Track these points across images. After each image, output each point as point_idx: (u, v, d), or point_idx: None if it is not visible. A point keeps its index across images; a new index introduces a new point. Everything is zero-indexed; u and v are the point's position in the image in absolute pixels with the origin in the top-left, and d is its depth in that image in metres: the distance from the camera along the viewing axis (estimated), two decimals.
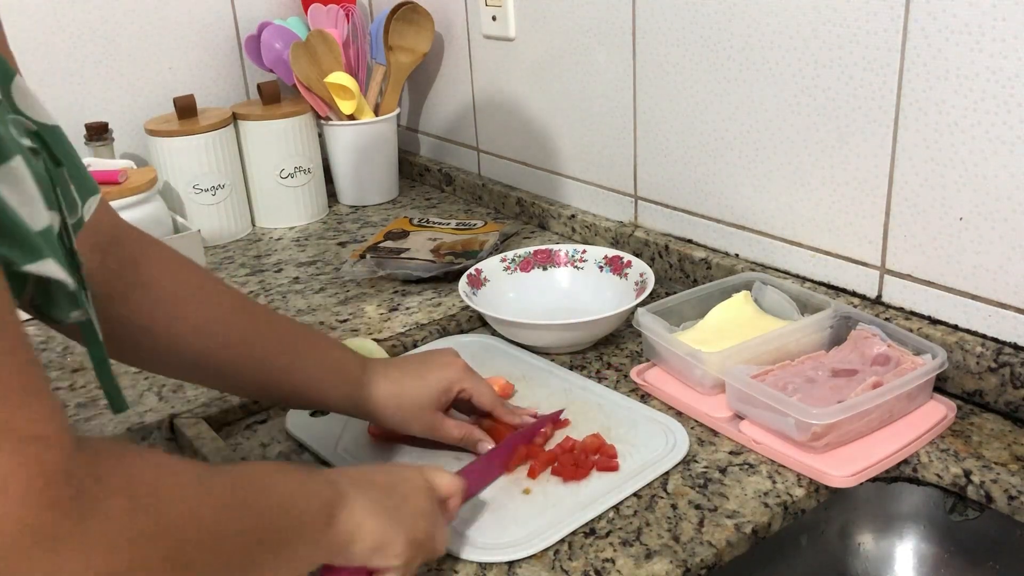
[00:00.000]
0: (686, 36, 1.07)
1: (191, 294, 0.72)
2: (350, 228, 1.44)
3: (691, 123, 1.10)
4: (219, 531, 0.48)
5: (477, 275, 1.10)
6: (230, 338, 0.73)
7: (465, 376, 0.82)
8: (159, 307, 0.69)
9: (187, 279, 0.72)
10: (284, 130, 1.41)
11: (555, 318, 0.98)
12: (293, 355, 0.76)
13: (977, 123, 0.82)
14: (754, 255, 1.08)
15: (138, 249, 0.70)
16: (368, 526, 0.59)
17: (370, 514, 0.60)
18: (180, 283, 0.71)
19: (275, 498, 0.54)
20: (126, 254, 0.69)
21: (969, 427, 0.84)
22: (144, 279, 0.69)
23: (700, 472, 0.80)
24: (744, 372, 0.83)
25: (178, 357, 0.72)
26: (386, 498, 0.62)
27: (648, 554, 0.71)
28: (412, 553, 0.63)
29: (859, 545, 0.87)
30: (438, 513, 0.67)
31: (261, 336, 0.75)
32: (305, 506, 0.56)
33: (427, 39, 1.48)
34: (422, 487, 0.66)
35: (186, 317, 0.71)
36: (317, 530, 0.56)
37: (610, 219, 1.26)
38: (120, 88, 1.43)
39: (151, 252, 0.71)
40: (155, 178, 1.27)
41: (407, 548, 0.62)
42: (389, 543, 0.61)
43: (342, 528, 0.58)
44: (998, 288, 0.85)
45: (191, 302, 0.71)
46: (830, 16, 0.91)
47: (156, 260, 0.71)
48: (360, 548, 0.59)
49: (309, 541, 0.56)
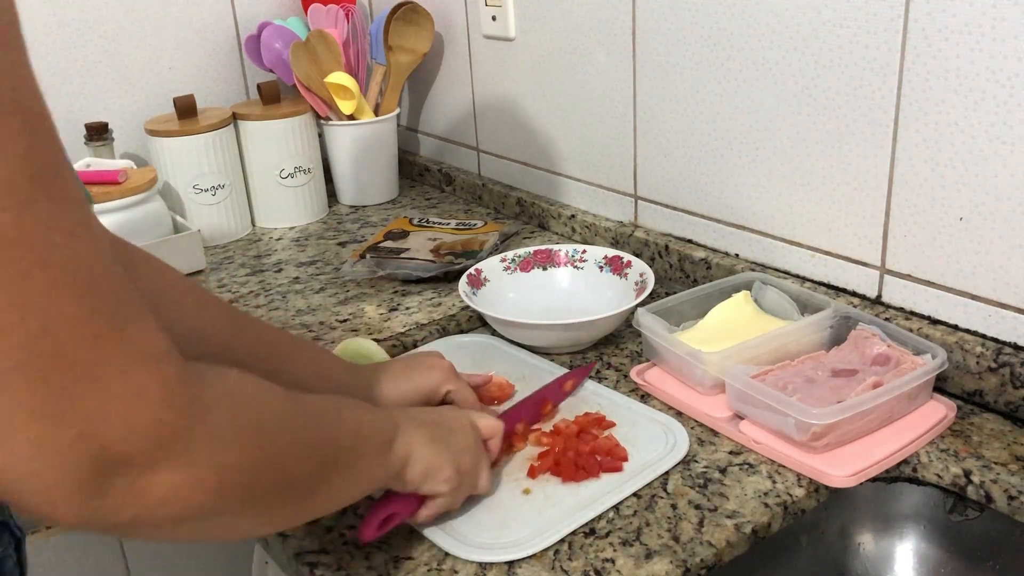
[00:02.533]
0: (686, 36, 1.07)
1: (175, 299, 0.74)
2: (350, 228, 1.44)
3: (691, 123, 1.10)
4: (304, 438, 0.55)
5: (477, 275, 1.10)
6: (214, 343, 0.74)
7: (451, 378, 0.85)
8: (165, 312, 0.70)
9: (171, 286, 0.74)
10: (284, 130, 1.41)
11: (555, 318, 0.98)
12: (279, 358, 0.78)
13: (977, 123, 0.82)
14: (754, 255, 1.08)
15: (125, 259, 0.71)
16: (420, 452, 0.67)
17: (421, 443, 0.67)
18: (164, 289, 0.73)
19: (347, 422, 0.61)
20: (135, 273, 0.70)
21: (969, 427, 0.84)
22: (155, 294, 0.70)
23: (700, 472, 0.80)
24: (744, 372, 0.83)
25: None
26: (435, 431, 0.69)
27: (648, 554, 0.71)
28: (458, 482, 0.70)
29: (859, 545, 0.87)
30: (482, 450, 0.74)
31: (246, 340, 0.77)
32: (370, 430, 0.63)
33: (427, 39, 1.48)
34: (467, 425, 0.73)
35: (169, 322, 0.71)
36: (379, 452, 0.64)
37: (610, 219, 1.26)
38: (120, 88, 1.43)
39: (136, 261, 0.73)
40: (155, 178, 1.27)
41: (454, 476, 0.69)
42: (438, 468, 0.68)
43: (399, 452, 0.65)
44: (998, 288, 0.85)
45: (175, 307, 0.73)
46: (830, 16, 0.91)
47: (141, 268, 0.73)
48: (412, 472, 0.67)
49: (372, 461, 0.63)
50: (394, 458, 0.65)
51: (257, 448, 0.49)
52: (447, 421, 0.72)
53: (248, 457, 0.48)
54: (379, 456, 0.64)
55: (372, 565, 0.71)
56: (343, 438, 0.60)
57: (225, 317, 0.77)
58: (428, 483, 0.68)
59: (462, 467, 0.70)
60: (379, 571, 0.71)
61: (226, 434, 0.46)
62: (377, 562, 0.72)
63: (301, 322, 1.11)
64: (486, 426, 0.76)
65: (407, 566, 0.71)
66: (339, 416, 0.61)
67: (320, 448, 0.57)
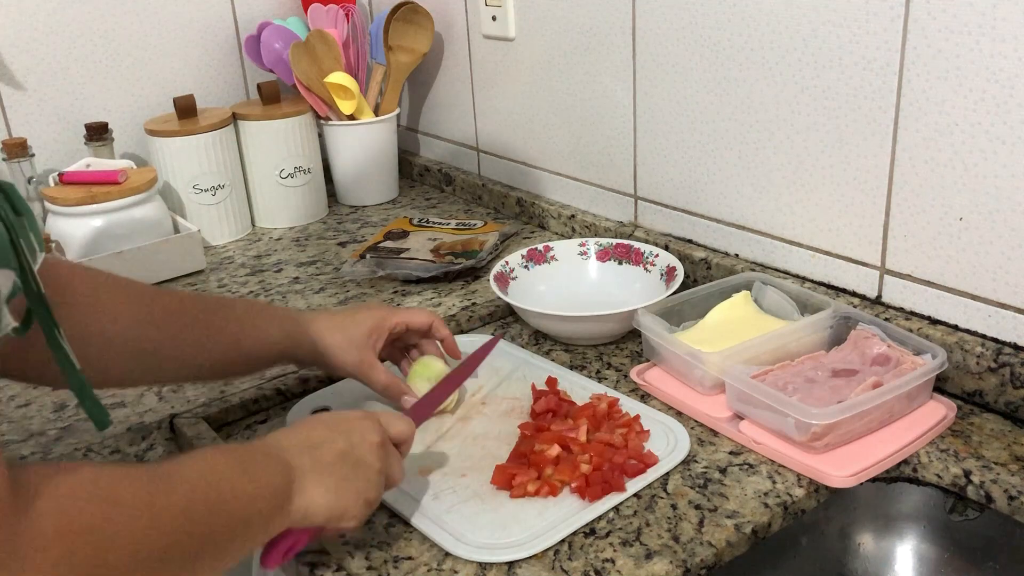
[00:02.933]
0: (686, 36, 1.07)
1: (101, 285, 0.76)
2: (350, 228, 1.44)
3: (691, 123, 1.10)
4: (163, 553, 0.51)
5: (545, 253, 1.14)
6: (155, 314, 0.77)
7: (394, 312, 0.87)
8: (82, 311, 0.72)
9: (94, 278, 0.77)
10: (284, 130, 1.41)
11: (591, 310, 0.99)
12: (226, 309, 0.81)
13: (977, 123, 0.82)
14: (754, 255, 1.08)
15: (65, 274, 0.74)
16: (320, 502, 0.64)
17: (322, 492, 0.64)
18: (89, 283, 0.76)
19: (228, 503, 0.57)
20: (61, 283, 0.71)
21: (969, 427, 0.84)
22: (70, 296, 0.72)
23: (700, 472, 0.80)
24: (744, 372, 0.83)
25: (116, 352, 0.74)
26: (339, 470, 0.66)
27: (648, 554, 0.71)
28: (367, 512, 0.68)
29: (859, 545, 0.87)
30: (392, 460, 0.71)
31: (189, 303, 0.80)
32: (261, 504, 0.60)
33: (427, 39, 1.48)
34: (376, 443, 0.69)
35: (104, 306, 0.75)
36: (272, 517, 0.61)
37: (610, 219, 1.26)
38: (120, 88, 1.43)
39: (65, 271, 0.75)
40: (155, 178, 1.27)
41: (361, 510, 0.67)
42: (343, 511, 0.66)
43: (296, 508, 0.63)
44: (998, 288, 0.85)
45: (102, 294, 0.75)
46: (830, 16, 0.91)
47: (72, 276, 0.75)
48: (315, 519, 0.64)
49: (259, 525, 0.60)
50: (292, 511, 0.63)
51: None
52: (353, 451, 0.67)
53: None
54: (270, 515, 0.61)
55: (372, 565, 0.71)
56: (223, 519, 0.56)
57: (159, 292, 0.80)
58: (333, 524, 0.66)
59: (370, 497, 0.68)
60: (379, 571, 0.71)
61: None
62: (377, 562, 0.72)
63: None
64: (398, 433, 0.73)
65: (407, 566, 0.71)
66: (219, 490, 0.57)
67: (193, 538, 0.53)
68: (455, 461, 0.83)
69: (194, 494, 0.55)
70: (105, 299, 0.76)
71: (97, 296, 0.75)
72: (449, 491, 0.78)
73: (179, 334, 0.78)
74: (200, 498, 0.55)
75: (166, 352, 0.78)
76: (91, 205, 1.20)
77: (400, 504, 0.77)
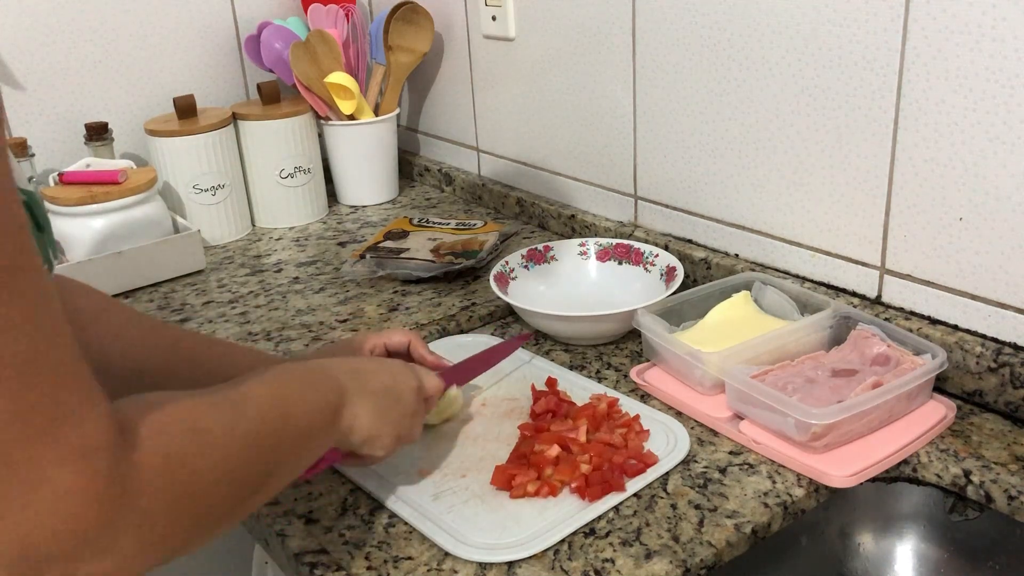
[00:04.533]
0: (686, 36, 1.07)
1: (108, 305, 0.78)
2: (350, 228, 1.44)
3: (691, 123, 1.10)
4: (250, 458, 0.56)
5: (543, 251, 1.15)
6: (157, 342, 0.79)
7: (370, 336, 0.89)
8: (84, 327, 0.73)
9: (101, 297, 0.79)
10: (284, 130, 1.41)
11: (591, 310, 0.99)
12: (220, 350, 0.83)
13: (977, 123, 0.82)
14: (754, 255, 1.08)
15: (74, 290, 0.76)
16: (363, 422, 0.69)
17: (367, 413, 0.70)
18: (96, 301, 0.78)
19: (295, 411, 0.62)
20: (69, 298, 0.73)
21: (969, 427, 0.84)
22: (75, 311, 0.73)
23: (700, 472, 0.80)
24: (744, 372, 0.83)
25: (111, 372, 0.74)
26: (382, 400, 0.72)
27: (648, 554, 0.71)
28: (394, 446, 0.74)
29: (859, 545, 0.87)
30: (421, 410, 0.77)
31: (189, 339, 0.82)
32: (318, 420, 0.65)
33: (427, 39, 1.48)
34: (413, 389, 0.76)
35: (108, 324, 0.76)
36: (325, 427, 0.66)
37: (610, 219, 1.26)
38: (120, 88, 1.43)
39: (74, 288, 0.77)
40: (155, 178, 1.27)
41: (392, 442, 0.73)
42: (379, 437, 0.71)
43: (344, 422, 0.68)
44: (998, 288, 0.85)
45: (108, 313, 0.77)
46: (830, 16, 0.91)
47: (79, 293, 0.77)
48: (355, 438, 0.70)
49: (318, 437, 0.66)
50: (340, 427, 0.68)
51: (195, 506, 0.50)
52: (396, 386, 0.74)
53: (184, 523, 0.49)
54: (325, 429, 0.67)
55: (372, 565, 0.71)
56: (291, 434, 0.61)
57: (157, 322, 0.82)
58: (367, 447, 0.71)
59: (401, 433, 0.74)
60: (379, 571, 0.71)
61: (158, 512, 0.47)
62: (377, 562, 0.72)
63: (301, 322, 1.11)
64: (431, 385, 0.79)
65: (407, 566, 0.71)
66: (286, 408, 0.61)
67: (268, 456, 0.58)
68: (455, 461, 0.83)
69: (268, 414, 0.59)
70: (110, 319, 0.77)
71: (102, 315, 0.77)
72: (449, 491, 0.78)
73: (178, 366, 0.79)
74: (273, 418, 0.60)
75: (161, 381, 0.78)
76: (91, 205, 1.20)
77: (400, 504, 0.77)
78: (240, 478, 0.55)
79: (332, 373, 0.69)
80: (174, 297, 1.21)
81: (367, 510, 0.78)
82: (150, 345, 0.78)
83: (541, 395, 0.89)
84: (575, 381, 0.95)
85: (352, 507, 0.78)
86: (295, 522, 0.77)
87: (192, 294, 1.22)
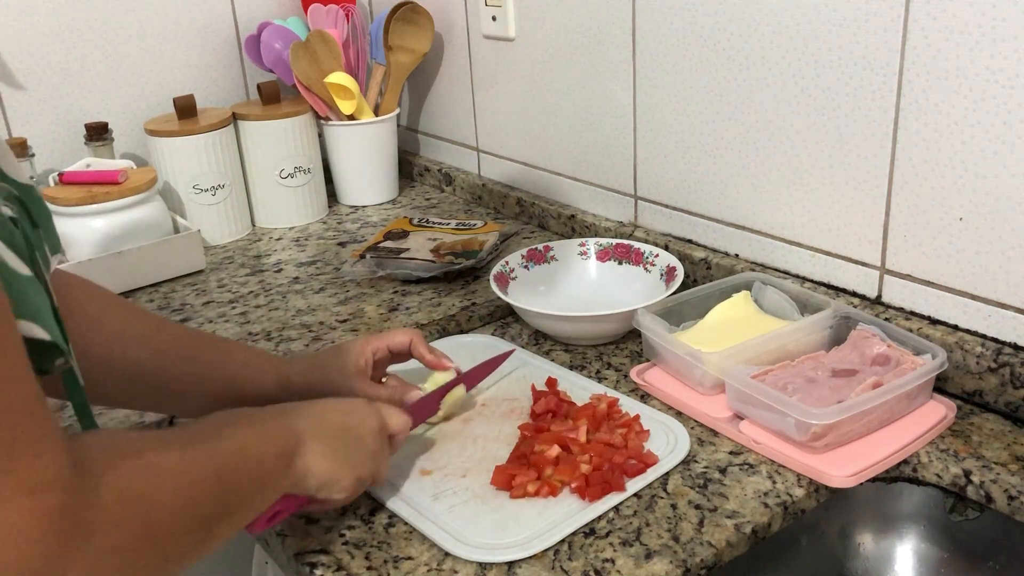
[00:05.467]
0: (686, 36, 1.07)
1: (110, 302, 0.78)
2: (350, 228, 1.44)
3: (691, 123, 1.10)
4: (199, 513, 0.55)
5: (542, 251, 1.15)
6: (160, 340, 0.78)
7: (371, 338, 0.87)
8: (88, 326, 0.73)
9: (103, 295, 0.78)
10: (284, 130, 1.41)
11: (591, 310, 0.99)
12: (223, 349, 0.82)
13: (977, 123, 0.82)
14: (754, 255, 1.08)
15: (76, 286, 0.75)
16: (318, 467, 0.68)
17: (322, 457, 0.68)
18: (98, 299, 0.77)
19: (248, 463, 0.61)
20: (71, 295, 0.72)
21: (969, 427, 0.84)
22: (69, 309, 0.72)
23: (700, 472, 0.80)
24: (744, 372, 0.83)
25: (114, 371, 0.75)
26: (339, 441, 0.70)
27: (648, 554, 0.71)
28: (356, 489, 0.72)
29: (859, 545, 0.87)
30: (385, 450, 0.75)
31: (193, 337, 0.81)
32: (271, 463, 0.64)
33: (427, 39, 1.48)
34: (375, 428, 0.73)
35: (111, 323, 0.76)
36: (278, 476, 0.65)
37: (610, 219, 1.26)
38: (120, 88, 1.43)
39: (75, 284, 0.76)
40: (155, 178, 1.27)
41: (351, 485, 0.71)
42: (335, 481, 0.69)
43: (298, 468, 0.66)
44: (998, 288, 0.85)
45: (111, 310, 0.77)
46: (830, 16, 0.91)
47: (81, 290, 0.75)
48: (309, 484, 0.68)
49: (270, 487, 0.65)
50: (294, 473, 0.66)
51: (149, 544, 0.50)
52: (354, 428, 0.72)
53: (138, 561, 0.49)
54: (280, 477, 0.65)
55: (372, 565, 0.71)
56: (246, 483, 0.61)
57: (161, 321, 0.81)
58: (323, 492, 0.69)
59: (362, 475, 0.71)
60: (379, 571, 0.71)
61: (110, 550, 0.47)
62: (377, 562, 0.72)
63: (301, 322, 1.11)
64: (395, 424, 0.76)
65: (407, 566, 0.71)
66: (240, 462, 0.61)
67: (222, 497, 0.58)
68: (455, 461, 0.83)
69: (223, 459, 0.59)
70: (113, 316, 0.76)
71: (105, 312, 0.76)
72: (449, 491, 0.78)
73: (179, 365, 0.79)
74: (228, 463, 0.59)
75: (162, 380, 0.78)
76: (91, 205, 1.20)
77: (400, 504, 0.77)
78: (195, 516, 0.54)
79: (284, 417, 0.68)
80: (174, 297, 1.21)
81: (367, 510, 0.78)
82: (152, 343, 0.78)
83: (541, 395, 0.89)
84: (575, 381, 0.95)
85: (352, 507, 0.78)
86: (295, 522, 0.77)
87: (192, 294, 1.22)
